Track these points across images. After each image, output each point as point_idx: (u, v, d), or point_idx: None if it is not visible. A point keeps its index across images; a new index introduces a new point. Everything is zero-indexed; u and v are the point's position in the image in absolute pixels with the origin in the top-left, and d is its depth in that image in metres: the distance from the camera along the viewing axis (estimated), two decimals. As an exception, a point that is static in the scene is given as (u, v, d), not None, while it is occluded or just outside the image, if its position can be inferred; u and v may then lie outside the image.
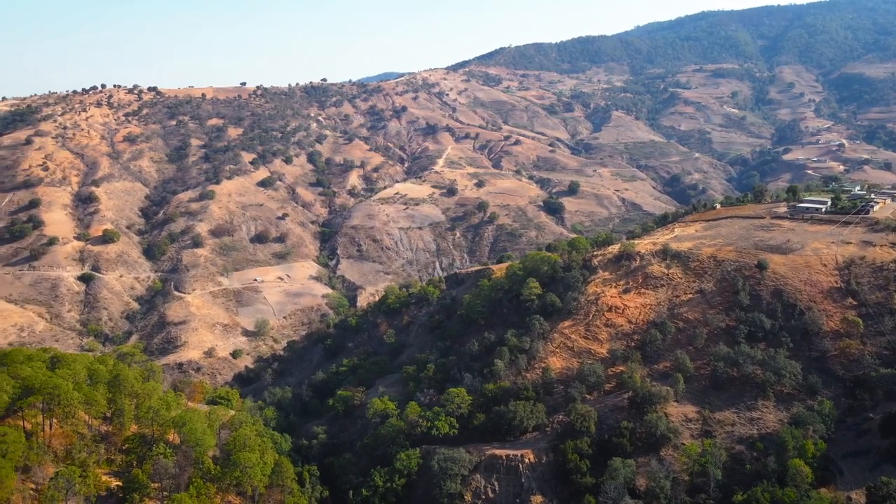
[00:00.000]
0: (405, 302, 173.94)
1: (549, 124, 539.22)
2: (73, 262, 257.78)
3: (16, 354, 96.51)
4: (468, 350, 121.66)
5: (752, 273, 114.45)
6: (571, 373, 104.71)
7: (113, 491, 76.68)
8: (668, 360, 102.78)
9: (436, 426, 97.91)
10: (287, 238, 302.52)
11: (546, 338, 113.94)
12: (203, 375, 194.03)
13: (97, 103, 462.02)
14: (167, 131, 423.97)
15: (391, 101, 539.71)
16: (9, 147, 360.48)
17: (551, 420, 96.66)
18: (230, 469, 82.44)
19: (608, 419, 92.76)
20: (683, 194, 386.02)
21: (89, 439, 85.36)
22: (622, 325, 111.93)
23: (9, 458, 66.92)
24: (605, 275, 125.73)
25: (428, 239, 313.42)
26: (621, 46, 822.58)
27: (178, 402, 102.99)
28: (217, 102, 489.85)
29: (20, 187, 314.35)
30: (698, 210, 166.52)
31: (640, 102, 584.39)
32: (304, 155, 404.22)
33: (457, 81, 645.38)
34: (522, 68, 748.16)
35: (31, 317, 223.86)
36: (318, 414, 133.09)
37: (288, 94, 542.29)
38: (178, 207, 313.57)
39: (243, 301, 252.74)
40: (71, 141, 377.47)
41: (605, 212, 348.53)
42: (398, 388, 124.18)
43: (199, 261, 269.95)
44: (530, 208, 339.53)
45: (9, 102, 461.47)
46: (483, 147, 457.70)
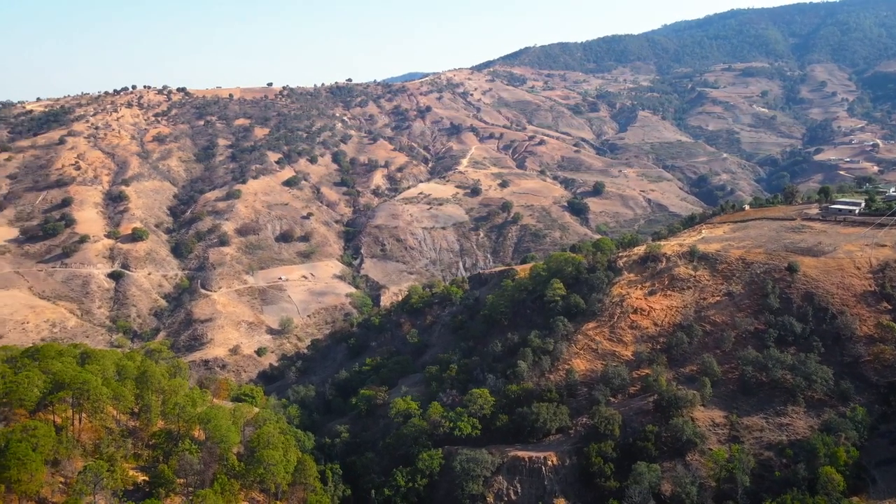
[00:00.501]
0: (428, 302, 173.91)
1: (574, 124, 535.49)
2: (104, 260, 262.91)
3: (47, 350, 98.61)
4: (491, 351, 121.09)
5: (782, 276, 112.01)
6: (595, 375, 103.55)
7: (139, 485, 77.79)
8: (694, 364, 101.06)
9: (458, 427, 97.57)
10: (311, 237, 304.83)
11: (570, 339, 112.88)
12: (228, 373, 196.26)
13: (128, 104, 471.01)
14: (195, 131, 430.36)
15: (415, 101, 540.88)
16: (43, 147, 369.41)
17: (575, 422, 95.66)
18: (254, 466, 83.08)
19: (633, 422, 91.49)
20: (711, 195, 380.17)
21: (117, 434, 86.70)
22: (647, 327, 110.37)
23: (39, 451, 68.17)
24: (630, 276, 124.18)
25: (451, 239, 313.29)
26: (648, 45, 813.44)
27: (204, 398, 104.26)
28: (244, 103, 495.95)
29: (53, 186, 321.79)
30: (726, 211, 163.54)
31: (666, 102, 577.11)
32: (329, 155, 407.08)
33: (481, 81, 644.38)
34: (547, 68, 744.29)
35: (63, 313, 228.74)
36: (341, 412, 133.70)
37: (313, 94, 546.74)
38: (206, 206, 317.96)
39: (268, 299, 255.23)
40: (102, 141, 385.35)
41: (631, 213, 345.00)
42: (421, 388, 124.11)
43: (225, 259, 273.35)
44: (554, 209, 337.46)
45: (43, 103, 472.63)
46: (507, 147, 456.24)
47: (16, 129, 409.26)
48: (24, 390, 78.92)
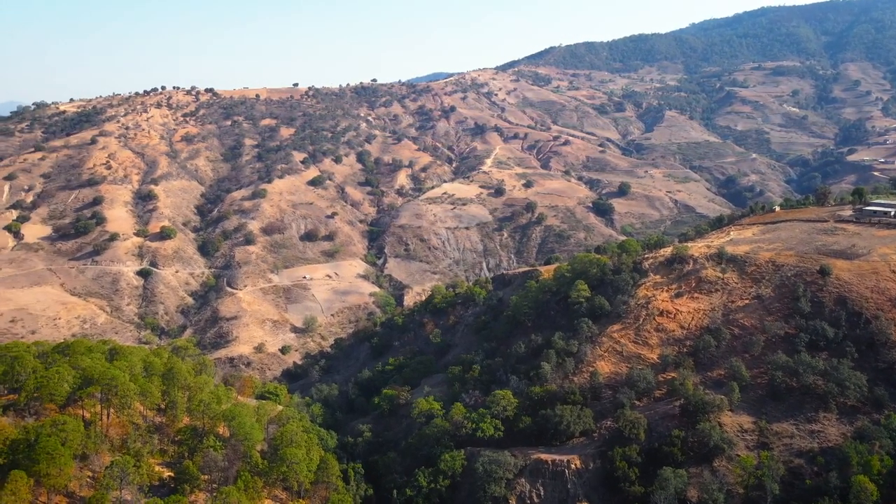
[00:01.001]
0: (451, 302, 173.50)
1: (600, 124, 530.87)
2: (133, 258, 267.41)
3: (77, 346, 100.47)
4: (514, 352, 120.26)
5: (813, 279, 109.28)
6: (620, 378, 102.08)
7: (165, 481, 78.72)
8: (722, 368, 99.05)
9: (481, 428, 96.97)
10: (336, 236, 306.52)
11: (594, 341, 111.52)
12: (253, 370, 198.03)
13: (157, 104, 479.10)
14: (222, 131, 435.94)
15: (440, 102, 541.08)
16: (75, 147, 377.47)
17: (599, 426, 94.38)
18: (277, 464, 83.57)
19: (658, 427, 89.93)
20: (739, 196, 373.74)
21: (144, 430, 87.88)
22: (674, 330, 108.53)
23: (68, 446, 69.29)
24: (656, 278, 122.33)
25: (475, 239, 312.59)
26: (675, 44, 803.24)
27: (229, 395, 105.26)
28: (270, 103, 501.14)
29: (85, 185, 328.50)
30: (756, 212, 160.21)
31: (694, 102, 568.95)
32: (354, 154, 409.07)
33: (506, 81, 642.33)
34: (573, 68, 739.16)
35: (93, 309, 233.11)
36: (364, 412, 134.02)
37: (339, 94, 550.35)
38: (232, 205, 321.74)
39: (292, 298, 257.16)
40: (132, 141, 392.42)
41: (657, 213, 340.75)
42: (443, 389, 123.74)
43: (250, 258, 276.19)
44: (579, 209, 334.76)
45: (76, 104, 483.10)
46: (531, 147, 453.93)
47: (49, 129, 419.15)
48: (54, 385, 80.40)
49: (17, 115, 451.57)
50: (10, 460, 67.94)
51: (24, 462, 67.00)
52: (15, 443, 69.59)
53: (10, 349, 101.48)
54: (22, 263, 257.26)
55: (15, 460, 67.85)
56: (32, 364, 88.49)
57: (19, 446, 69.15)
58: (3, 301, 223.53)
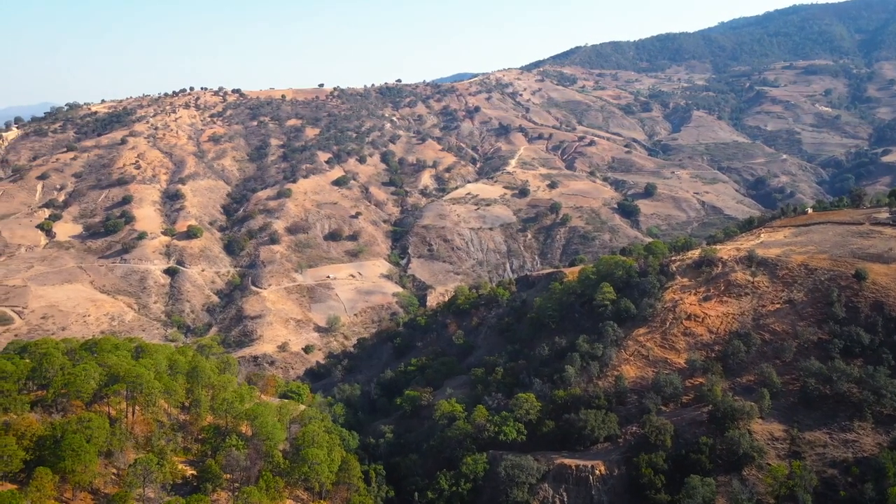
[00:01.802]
0: (475, 303, 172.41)
1: (626, 124, 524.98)
2: (160, 256, 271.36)
3: (104, 343, 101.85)
4: (538, 354, 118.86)
5: (848, 283, 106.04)
6: (646, 382, 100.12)
7: (188, 479, 79.12)
8: (752, 374, 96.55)
9: (503, 431, 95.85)
10: (359, 236, 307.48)
11: (619, 345, 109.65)
12: (276, 369, 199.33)
13: (185, 105, 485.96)
14: (249, 131, 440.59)
15: (464, 102, 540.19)
16: (106, 146, 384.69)
17: (624, 431, 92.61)
18: (298, 464, 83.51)
19: (685, 433, 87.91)
20: (769, 198, 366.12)
21: (168, 428, 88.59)
22: (702, 334, 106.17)
23: (93, 443, 69.94)
24: (683, 281, 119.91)
25: (499, 240, 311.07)
26: (703, 43, 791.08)
27: (252, 394, 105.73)
28: (296, 103, 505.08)
29: (115, 184, 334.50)
30: (787, 214, 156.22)
31: (722, 101, 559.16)
32: (378, 154, 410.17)
33: (531, 81, 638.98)
34: (598, 67, 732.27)
35: (121, 307, 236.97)
36: (386, 412, 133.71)
37: (363, 94, 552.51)
38: (257, 205, 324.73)
39: (316, 297, 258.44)
40: (161, 141, 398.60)
41: (684, 215, 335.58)
42: (466, 390, 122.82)
43: (275, 257, 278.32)
44: (604, 210, 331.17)
45: (107, 104, 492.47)
46: (556, 148, 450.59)
47: (81, 129, 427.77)
48: (80, 382, 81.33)
49: (50, 115, 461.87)
50: (36, 456, 68.81)
51: (50, 459, 67.82)
52: (42, 439, 70.52)
53: (39, 346, 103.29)
54: (54, 261, 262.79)
55: (41, 456, 68.73)
56: (61, 361, 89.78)
57: (46, 443, 70.05)
58: (36, 298, 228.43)
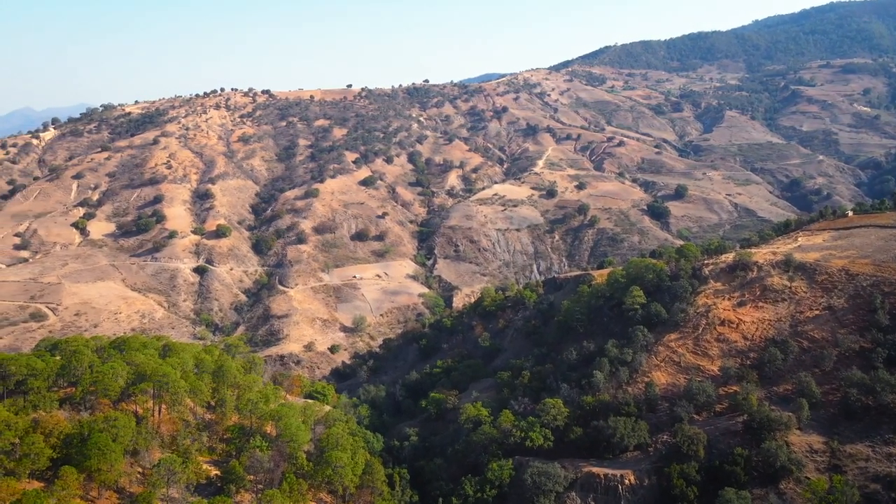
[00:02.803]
0: (501, 305, 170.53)
1: (656, 125, 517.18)
2: (190, 255, 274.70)
3: (133, 342, 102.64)
4: (565, 359, 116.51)
5: (892, 290, 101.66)
6: (677, 390, 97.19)
7: (212, 480, 78.90)
8: (789, 383, 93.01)
9: (530, 437, 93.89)
10: (386, 236, 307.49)
11: (650, 350, 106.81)
12: (302, 369, 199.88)
13: (216, 105, 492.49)
14: (277, 132, 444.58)
15: (492, 102, 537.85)
16: (139, 147, 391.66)
17: (654, 440, 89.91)
18: (322, 467, 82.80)
19: (719, 444, 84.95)
20: (804, 200, 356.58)
21: (193, 427, 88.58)
22: (736, 340, 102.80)
23: (118, 442, 69.97)
24: (716, 285, 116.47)
25: (526, 241, 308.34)
26: (737, 42, 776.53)
27: (277, 394, 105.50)
28: (324, 104, 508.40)
29: (147, 184, 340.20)
30: (826, 217, 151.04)
31: (756, 101, 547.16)
32: (405, 155, 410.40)
33: (559, 81, 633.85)
34: (628, 67, 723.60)
35: (152, 304, 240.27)
36: (411, 414, 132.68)
37: (391, 95, 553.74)
38: (285, 205, 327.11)
39: (342, 297, 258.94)
40: (192, 141, 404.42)
41: (715, 217, 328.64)
42: (492, 394, 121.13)
43: (302, 257, 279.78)
44: (633, 212, 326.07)
45: (140, 105, 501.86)
46: (585, 148, 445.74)
47: (116, 129, 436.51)
48: (108, 381, 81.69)
49: (85, 116, 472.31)
50: (63, 455, 69.10)
51: (77, 457, 68.00)
52: (69, 437, 70.81)
53: (69, 343, 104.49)
54: (87, 259, 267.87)
55: (68, 455, 68.98)
56: (90, 359, 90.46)
57: (73, 441, 70.30)
58: (69, 295, 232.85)
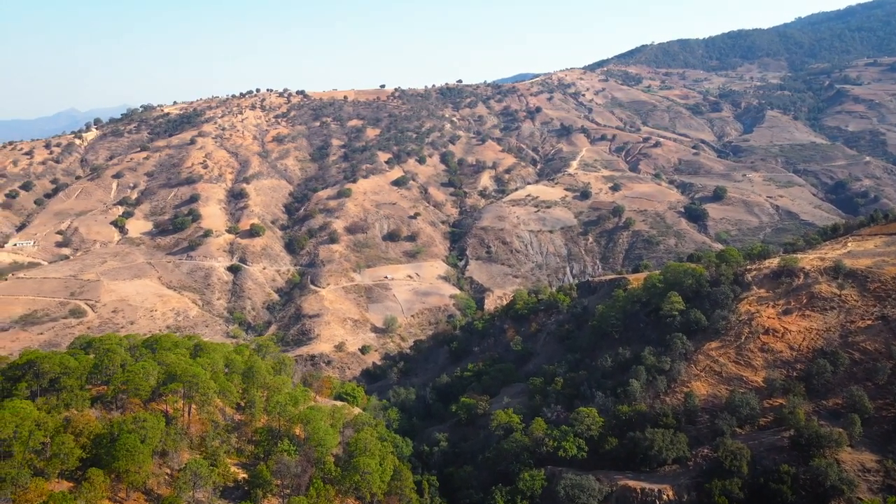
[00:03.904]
0: (534, 308, 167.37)
1: (693, 125, 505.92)
2: (224, 254, 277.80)
3: (164, 341, 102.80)
4: (600, 365, 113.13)
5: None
6: (718, 401, 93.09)
7: (239, 483, 78.10)
8: (839, 397, 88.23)
9: (563, 447, 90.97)
10: (418, 237, 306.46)
11: (689, 359, 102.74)
12: (333, 369, 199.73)
13: (251, 106, 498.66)
14: (311, 132, 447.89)
15: (525, 102, 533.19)
16: (176, 146, 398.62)
17: (694, 453, 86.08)
18: (350, 473, 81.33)
19: (763, 460, 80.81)
20: (850, 203, 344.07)
21: (222, 428, 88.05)
22: (781, 350, 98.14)
23: (147, 444, 69.50)
24: (760, 292, 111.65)
25: (559, 243, 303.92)
26: (779, 40, 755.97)
27: (306, 396, 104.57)
28: (357, 104, 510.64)
29: (183, 183, 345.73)
30: (877, 221, 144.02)
31: (799, 101, 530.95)
32: (437, 155, 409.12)
33: (594, 81, 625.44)
34: (665, 66, 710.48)
35: (186, 302, 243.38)
36: (441, 418, 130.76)
37: (424, 95, 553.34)
38: (318, 204, 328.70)
39: (373, 297, 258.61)
40: (227, 141, 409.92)
41: (756, 220, 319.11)
42: (523, 400, 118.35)
43: (334, 256, 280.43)
44: (669, 214, 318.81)
45: (179, 106, 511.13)
46: (620, 149, 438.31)
47: (155, 130, 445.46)
48: (139, 380, 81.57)
49: (126, 117, 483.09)
50: (93, 455, 68.93)
51: (106, 458, 67.74)
52: (99, 437, 70.65)
53: (103, 342, 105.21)
54: (125, 257, 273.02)
55: (97, 455, 68.78)
56: (122, 357, 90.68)
57: (102, 441, 70.11)
58: (107, 292, 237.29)
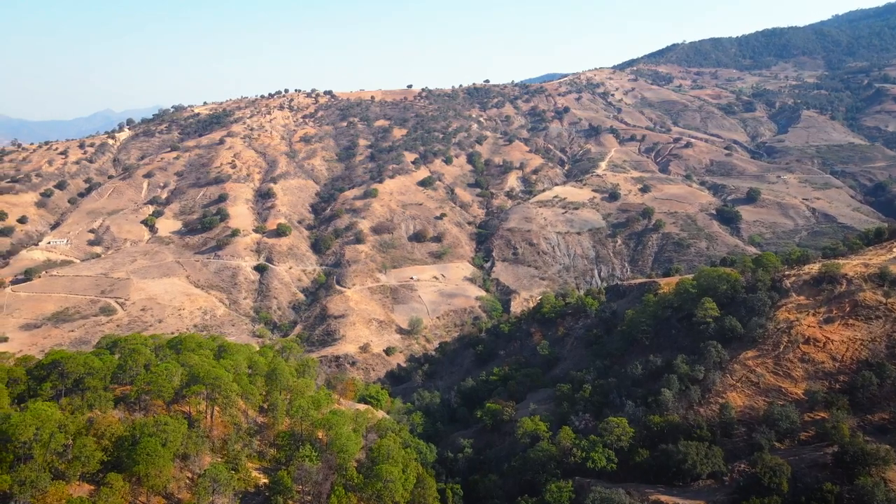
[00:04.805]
0: (561, 312, 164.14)
1: (726, 125, 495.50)
2: (251, 253, 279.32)
3: (189, 341, 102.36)
4: (630, 373, 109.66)
5: None
6: (756, 414, 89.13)
7: (260, 489, 76.92)
8: (886, 412, 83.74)
9: (591, 458, 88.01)
10: (444, 238, 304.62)
11: (724, 368, 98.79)
12: (358, 370, 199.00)
13: (280, 106, 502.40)
14: (338, 132, 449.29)
15: (553, 102, 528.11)
16: (206, 146, 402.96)
17: (731, 468, 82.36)
18: (372, 480, 79.61)
19: (805, 477, 76.80)
20: (890, 206, 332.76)
21: (244, 432, 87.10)
22: (823, 361, 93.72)
23: (168, 447, 68.61)
24: (799, 299, 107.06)
25: (587, 245, 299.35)
26: (815, 38, 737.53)
27: (329, 400, 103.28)
28: (384, 104, 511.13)
29: (212, 183, 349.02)
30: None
31: (836, 100, 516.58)
32: (464, 155, 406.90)
33: (623, 81, 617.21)
34: (696, 65, 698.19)
35: (213, 301, 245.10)
36: (466, 423, 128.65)
37: (451, 95, 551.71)
38: (344, 204, 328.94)
39: (399, 298, 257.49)
40: (256, 141, 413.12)
41: (791, 223, 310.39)
42: (550, 407, 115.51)
43: (359, 257, 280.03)
44: (701, 216, 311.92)
45: (209, 106, 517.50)
46: (649, 150, 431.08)
47: (185, 130, 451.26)
48: (162, 381, 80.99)
49: (157, 117, 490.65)
50: (114, 457, 68.30)
51: (126, 461, 67.03)
52: (120, 440, 70.03)
53: (128, 342, 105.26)
54: (155, 255, 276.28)
55: (118, 458, 68.13)
56: (146, 358, 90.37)
57: (124, 443, 69.46)
58: (137, 290, 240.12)
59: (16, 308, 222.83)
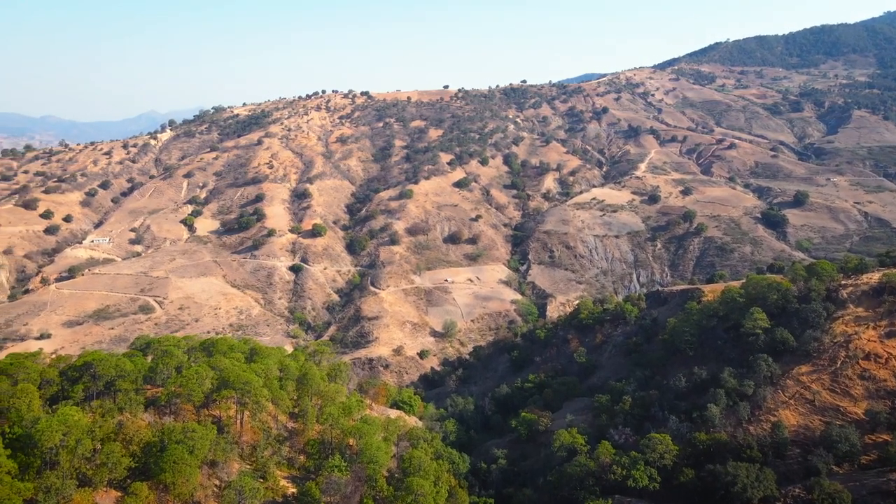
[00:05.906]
0: (599, 318, 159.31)
1: (771, 126, 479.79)
2: (286, 253, 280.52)
3: (221, 344, 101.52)
4: (673, 385, 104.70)
5: None
6: (811, 434, 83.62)
7: (288, 498, 75.04)
8: (956, 435, 77.57)
9: (633, 476, 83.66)
10: (479, 240, 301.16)
11: (775, 384, 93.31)
12: (391, 373, 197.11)
13: (317, 107, 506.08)
14: (374, 132, 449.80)
15: (591, 103, 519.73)
16: (244, 147, 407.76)
17: (784, 493, 77.11)
18: (402, 493, 76.94)
19: (866, 504, 71.47)
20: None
21: (273, 438, 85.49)
22: (885, 379, 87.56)
23: (195, 455, 67.17)
24: (858, 311, 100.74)
25: (625, 248, 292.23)
26: (866, 35, 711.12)
27: (360, 406, 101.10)
28: (420, 105, 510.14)
29: (250, 183, 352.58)
30: None
31: (889, 100, 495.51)
32: (500, 156, 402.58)
33: (664, 80, 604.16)
34: (740, 64, 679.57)
35: (249, 301, 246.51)
36: (500, 432, 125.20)
37: (487, 96, 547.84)
38: (379, 205, 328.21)
39: (433, 301, 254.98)
40: (293, 142, 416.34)
41: (841, 227, 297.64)
42: (587, 418, 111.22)
43: (394, 258, 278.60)
44: (745, 220, 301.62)
45: (248, 108, 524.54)
46: (691, 151, 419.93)
47: (224, 131, 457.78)
48: (192, 385, 79.89)
49: (198, 118, 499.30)
50: (142, 464, 67.18)
51: (154, 468, 65.82)
52: (148, 446, 68.90)
53: (161, 343, 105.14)
54: (193, 255, 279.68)
55: (146, 464, 67.00)
56: (178, 360, 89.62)
57: (152, 449, 68.30)
58: (175, 289, 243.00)
59: (59, 305, 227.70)
